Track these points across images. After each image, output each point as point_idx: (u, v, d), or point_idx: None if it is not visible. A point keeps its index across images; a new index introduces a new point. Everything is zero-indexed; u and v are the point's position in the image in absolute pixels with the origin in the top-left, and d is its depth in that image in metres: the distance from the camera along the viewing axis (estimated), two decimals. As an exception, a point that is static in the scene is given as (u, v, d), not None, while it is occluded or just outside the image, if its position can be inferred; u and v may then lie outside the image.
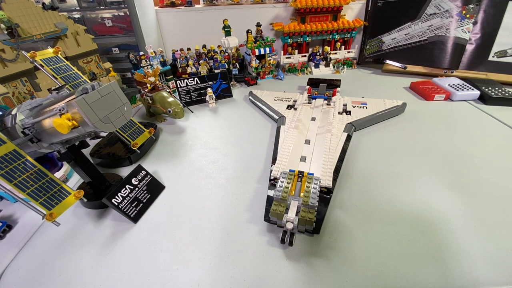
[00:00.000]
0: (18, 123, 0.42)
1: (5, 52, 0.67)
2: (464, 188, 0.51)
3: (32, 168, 0.42)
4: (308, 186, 0.45)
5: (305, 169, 0.52)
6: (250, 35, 1.04)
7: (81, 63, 0.85)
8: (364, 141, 0.66)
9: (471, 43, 0.96)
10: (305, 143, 0.61)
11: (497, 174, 0.54)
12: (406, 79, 0.98)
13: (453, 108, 0.80)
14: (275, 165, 0.55)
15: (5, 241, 0.47)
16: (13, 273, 0.41)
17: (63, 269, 0.41)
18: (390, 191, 0.51)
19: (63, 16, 0.80)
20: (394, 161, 0.59)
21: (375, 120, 0.73)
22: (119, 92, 0.41)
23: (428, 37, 0.99)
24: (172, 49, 1.09)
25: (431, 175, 0.54)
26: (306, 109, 0.77)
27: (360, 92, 0.85)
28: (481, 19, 0.94)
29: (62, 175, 0.57)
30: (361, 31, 1.16)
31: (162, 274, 0.39)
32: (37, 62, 0.54)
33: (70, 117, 0.36)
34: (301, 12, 1.07)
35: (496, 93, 0.80)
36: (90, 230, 0.47)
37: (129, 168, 0.63)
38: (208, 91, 0.87)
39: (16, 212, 0.52)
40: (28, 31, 0.72)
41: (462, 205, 0.47)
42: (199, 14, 1.14)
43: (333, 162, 0.55)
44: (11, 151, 0.40)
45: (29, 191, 0.40)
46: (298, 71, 1.12)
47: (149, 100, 0.77)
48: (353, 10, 1.15)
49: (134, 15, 0.93)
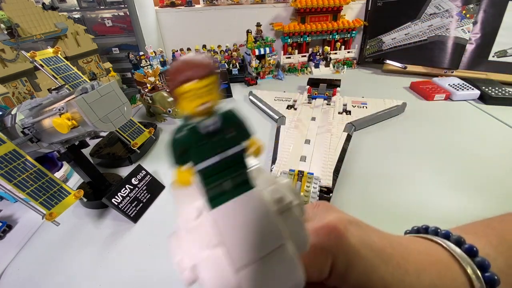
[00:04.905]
0: (18, 123, 0.42)
1: (5, 52, 0.67)
2: (465, 188, 0.51)
3: (32, 168, 0.42)
4: (308, 186, 0.45)
5: (305, 168, 0.52)
6: (250, 35, 1.04)
7: (81, 63, 0.85)
8: (364, 141, 0.66)
9: (471, 43, 0.95)
10: (305, 143, 0.61)
11: (498, 174, 0.54)
12: (406, 79, 0.98)
13: (453, 108, 0.80)
14: (275, 164, 0.54)
15: (5, 241, 0.47)
16: (13, 273, 0.41)
17: (63, 269, 0.41)
18: (390, 191, 0.51)
19: (63, 16, 0.80)
20: (394, 160, 0.59)
21: (375, 120, 0.73)
22: (118, 92, 0.41)
23: (428, 37, 0.99)
24: (172, 49, 1.09)
25: (431, 175, 0.54)
26: (306, 109, 0.77)
27: (360, 92, 0.85)
28: (481, 19, 0.94)
29: (62, 175, 0.57)
30: (361, 31, 1.16)
31: (162, 273, 0.39)
32: (37, 62, 0.54)
33: (69, 116, 0.36)
34: (301, 12, 1.07)
35: (496, 93, 0.80)
36: (90, 230, 0.47)
37: (129, 168, 0.63)
38: (208, 91, 0.87)
39: (16, 212, 0.52)
40: (28, 31, 0.72)
41: (462, 205, 0.47)
42: (199, 14, 1.14)
43: (333, 162, 0.55)
44: (10, 151, 0.40)
45: (29, 191, 0.40)
46: (298, 71, 1.12)
47: (149, 100, 0.77)
48: (353, 10, 1.15)
49: (134, 15, 0.93)
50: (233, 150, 0.14)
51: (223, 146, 0.14)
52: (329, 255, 0.17)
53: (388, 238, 0.19)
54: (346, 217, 0.19)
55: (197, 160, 0.14)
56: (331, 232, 0.17)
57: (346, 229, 0.17)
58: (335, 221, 0.18)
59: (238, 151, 0.14)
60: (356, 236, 0.17)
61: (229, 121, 0.14)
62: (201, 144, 0.13)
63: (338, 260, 0.17)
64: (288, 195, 0.15)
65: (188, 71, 0.12)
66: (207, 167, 0.14)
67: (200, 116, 0.13)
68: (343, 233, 0.17)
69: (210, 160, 0.14)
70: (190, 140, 0.13)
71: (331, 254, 0.17)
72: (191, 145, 0.13)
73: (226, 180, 0.14)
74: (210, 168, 0.14)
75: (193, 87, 0.12)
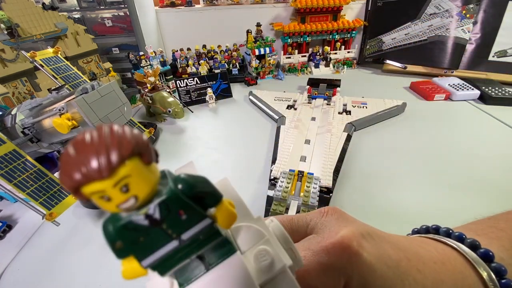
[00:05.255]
0: (18, 123, 0.42)
1: (5, 52, 0.67)
2: (464, 188, 0.51)
3: (32, 168, 0.42)
4: (308, 186, 0.45)
5: (305, 169, 0.52)
6: (250, 35, 1.04)
7: (81, 63, 0.85)
8: (364, 141, 0.66)
9: (471, 43, 0.95)
10: (305, 143, 0.61)
11: (498, 174, 0.54)
12: (406, 79, 0.98)
13: (453, 108, 0.80)
14: (275, 165, 0.54)
15: (5, 241, 0.47)
16: (13, 273, 0.41)
17: (63, 269, 0.41)
18: (390, 191, 0.51)
19: (63, 16, 0.80)
20: (394, 160, 0.59)
21: (375, 120, 0.73)
22: (118, 92, 0.41)
23: (428, 37, 0.99)
24: (172, 49, 1.09)
25: (431, 175, 0.54)
26: (306, 109, 0.77)
27: (360, 92, 0.85)
28: (481, 19, 0.94)
29: (62, 175, 0.57)
30: (361, 31, 1.16)
31: (162, 274, 0.39)
32: (37, 62, 0.54)
33: (70, 117, 0.36)
34: (301, 12, 1.07)
35: (496, 93, 0.80)
36: (90, 230, 0.47)
37: (129, 168, 0.63)
38: (208, 91, 0.87)
39: (16, 212, 0.52)
40: (28, 31, 0.72)
41: (462, 205, 0.47)
42: (199, 14, 1.14)
43: (333, 162, 0.55)
44: (11, 151, 0.40)
45: (29, 191, 0.40)
46: (298, 71, 1.12)
47: (149, 100, 0.77)
48: (353, 10, 1.15)
49: (134, 15, 0.93)
50: (195, 229, 0.11)
51: (178, 230, 0.11)
52: (342, 275, 0.16)
53: (403, 248, 0.18)
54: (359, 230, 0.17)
55: (142, 256, 0.11)
56: (344, 251, 0.16)
57: (360, 245, 0.16)
58: (348, 237, 0.17)
59: (203, 227, 0.11)
60: (370, 253, 0.16)
61: (176, 203, 0.10)
62: (143, 239, 0.10)
63: (352, 281, 0.16)
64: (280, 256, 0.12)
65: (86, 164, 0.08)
66: (158, 259, 0.11)
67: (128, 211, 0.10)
68: (356, 251, 0.16)
69: (162, 250, 0.11)
70: (124, 239, 0.10)
71: (344, 275, 0.16)
72: (127, 244, 0.10)
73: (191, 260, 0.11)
74: (165, 258, 0.11)
75: (99, 189, 0.09)
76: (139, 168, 0.09)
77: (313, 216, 0.19)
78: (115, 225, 0.10)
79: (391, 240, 0.18)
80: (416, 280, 0.16)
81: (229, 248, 0.12)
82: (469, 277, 0.17)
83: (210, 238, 0.11)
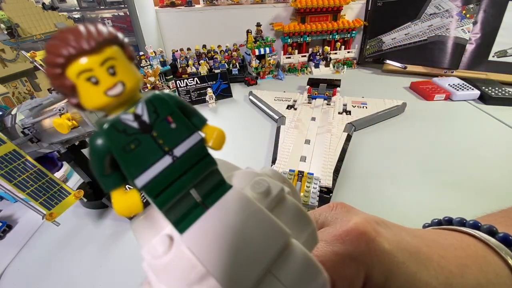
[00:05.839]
0: (18, 123, 0.42)
1: (5, 52, 0.67)
2: (464, 188, 0.51)
3: (32, 168, 0.42)
4: (308, 186, 0.45)
5: (305, 169, 0.52)
6: (250, 35, 1.04)
7: (81, 63, 0.85)
8: (364, 141, 0.66)
9: (471, 43, 0.95)
10: (305, 143, 0.61)
11: (498, 174, 0.54)
12: (406, 79, 0.98)
13: (453, 108, 0.80)
14: (275, 165, 0.54)
15: (5, 241, 0.47)
16: (13, 273, 0.41)
17: (63, 269, 0.41)
18: (390, 191, 0.51)
19: (63, 16, 0.80)
20: (394, 160, 0.59)
21: (375, 120, 0.73)
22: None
23: (428, 37, 0.99)
24: (172, 49, 1.09)
25: (431, 175, 0.54)
26: (306, 109, 0.77)
27: (360, 92, 0.85)
28: (481, 19, 0.94)
29: (62, 175, 0.57)
30: (361, 31, 1.16)
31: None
32: (37, 62, 0.54)
33: (70, 117, 0.36)
34: (301, 12, 1.07)
35: (496, 93, 0.80)
36: (90, 230, 0.47)
37: (129, 168, 0.63)
38: (208, 91, 0.87)
39: (16, 212, 0.52)
40: (28, 31, 0.72)
41: (462, 205, 0.47)
42: (199, 14, 1.14)
43: (333, 162, 0.55)
44: (11, 151, 0.40)
45: (29, 191, 0.40)
46: (298, 71, 1.12)
47: (149, 100, 0.77)
48: (353, 10, 1.15)
49: (134, 15, 0.93)
50: (187, 144, 0.10)
51: (170, 141, 0.10)
52: (362, 265, 0.14)
53: (420, 235, 0.17)
54: (372, 218, 0.16)
55: (135, 172, 0.09)
56: (360, 238, 0.15)
57: (377, 232, 0.15)
58: (362, 223, 0.15)
59: (195, 142, 0.10)
60: (389, 239, 0.15)
61: (163, 106, 0.10)
62: (134, 146, 0.09)
63: (373, 271, 0.14)
64: (276, 183, 0.12)
65: (76, 40, 0.09)
66: (153, 178, 0.10)
67: (116, 108, 0.10)
68: (374, 238, 0.15)
69: (156, 166, 0.10)
70: (114, 143, 0.09)
71: (364, 264, 0.14)
72: (118, 151, 0.09)
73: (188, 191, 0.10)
74: (159, 177, 0.10)
75: (86, 67, 0.09)
76: (123, 56, 0.10)
77: (322, 211, 0.19)
78: (104, 128, 0.09)
79: (405, 229, 0.17)
80: (440, 265, 0.15)
81: (225, 186, 0.11)
82: (494, 263, 0.17)
83: (205, 163, 0.11)
